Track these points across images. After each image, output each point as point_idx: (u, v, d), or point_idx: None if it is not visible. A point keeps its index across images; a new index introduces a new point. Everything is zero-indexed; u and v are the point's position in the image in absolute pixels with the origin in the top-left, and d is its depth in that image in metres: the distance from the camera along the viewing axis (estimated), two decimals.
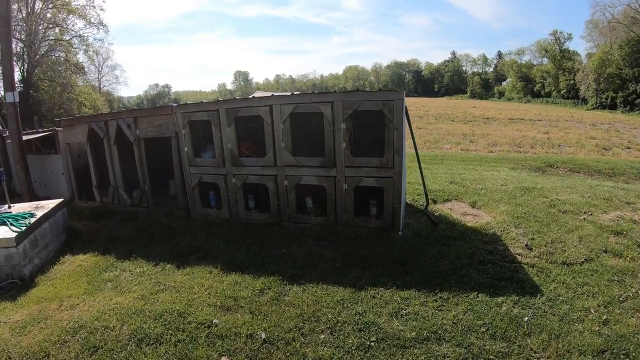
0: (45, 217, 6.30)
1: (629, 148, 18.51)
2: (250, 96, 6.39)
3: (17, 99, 8.93)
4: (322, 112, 5.78)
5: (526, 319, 4.09)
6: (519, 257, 5.44)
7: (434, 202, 7.78)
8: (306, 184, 6.23)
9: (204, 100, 7.42)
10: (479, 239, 5.97)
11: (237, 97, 6.25)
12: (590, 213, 6.99)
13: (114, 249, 6.25)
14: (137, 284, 5.01)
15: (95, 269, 5.61)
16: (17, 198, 9.40)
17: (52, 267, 5.90)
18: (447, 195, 8.20)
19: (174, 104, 6.96)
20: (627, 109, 37.24)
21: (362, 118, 6.01)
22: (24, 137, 9.54)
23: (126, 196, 8.18)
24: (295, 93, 5.91)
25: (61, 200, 7.12)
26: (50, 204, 6.79)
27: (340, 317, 4.17)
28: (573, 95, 51.02)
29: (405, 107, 5.81)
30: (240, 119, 6.41)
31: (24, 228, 5.66)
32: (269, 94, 6.96)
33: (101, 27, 35.50)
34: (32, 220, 5.97)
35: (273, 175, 6.32)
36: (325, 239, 6.13)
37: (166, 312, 4.27)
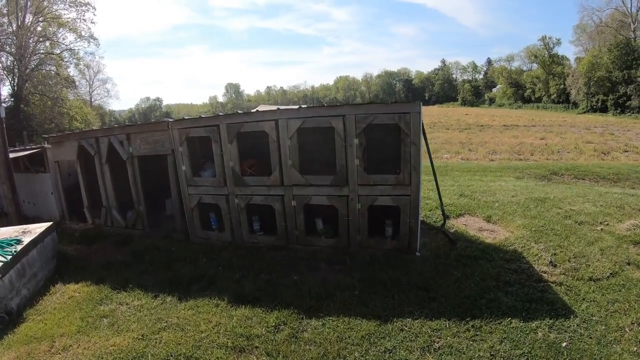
0: (33, 243, 5.79)
1: (626, 151, 18.33)
2: (254, 110, 5.98)
3: (3, 114, 8.43)
4: (333, 127, 5.40)
5: (564, 344, 3.82)
6: (545, 275, 5.16)
7: (447, 217, 7.44)
8: (316, 204, 5.83)
9: (200, 114, 7.06)
10: (501, 257, 5.65)
11: (239, 112, 5.80)
12: (606, 223, 6.81)
13: (108, 277, 5.75)
14: (136, 321, 4.53)
15: (89, 302, 5.12)
16: (4, 218, 8.89)
17: (41, 298, 5.39)
18: (459, 209, 7.92)
19: (169, 119, 6.53)
20: (618, 111, 37.38)
21: (376, 132, 5.64)
22: (11, 155, 9.05)
23: (120, 218, 7.69)
24: (302, 106, 5.53)
25: (50, 223, 6.60)
26: (38, 228, 6.27)
27: (369, 355, 3.76)
28: (564, 99, 51.30)
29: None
30: (243, 135, 6.00)
31: (9, 257, 5.16)
32: (273, 107, 6.56)
33: (92, 40, 35.11)
34: (19, 247, 5.47)
35: (280, 196, 5.90)
36: (338, 262, 5.73)
37: (171, 355, 3.84)
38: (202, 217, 6.68)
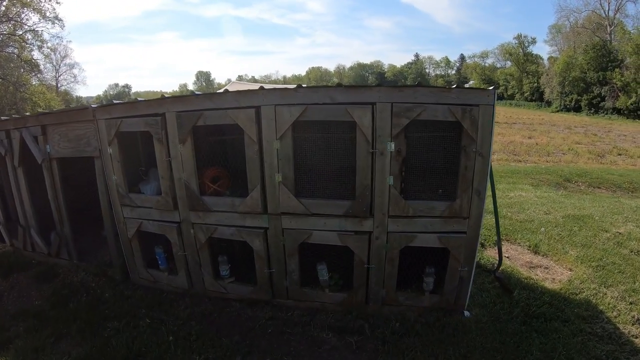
0: None
1: (620, 154, 16.94)
2: (222, 90, 3.52)
3: None
4: (354, 122, 3.03)
5: None
6: (637, 340, 3.62)
7: (482, 246, 5.58)
8: (319, 243, 3.47)
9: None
10: (576, 314, 3.90)
11: (197, 93, 3.25)
12: None
13: (13, 344, 3.57)
14: None
15: None
16: None
17: None
18: (493, 233, 5.83)
19: (93, 105, 4.01)
20: (592, 111, 36.29)
21: (421, 133, 3.30)
22: None
23: (41, 241, 5.15)
24: (302, 85, 3.08)
25: None
26: None
27: None
28: (537, 97, 50.14)
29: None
30: (203, 131, 3.59)
31: None
32: (255, 85, 4.09)
33: (57, 21, 31.05)
34: None
35: (261, 229, 3.51)
36: (352, 331, 3.55)
37: None
38: (145, 250, 4.22)
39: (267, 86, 3.18)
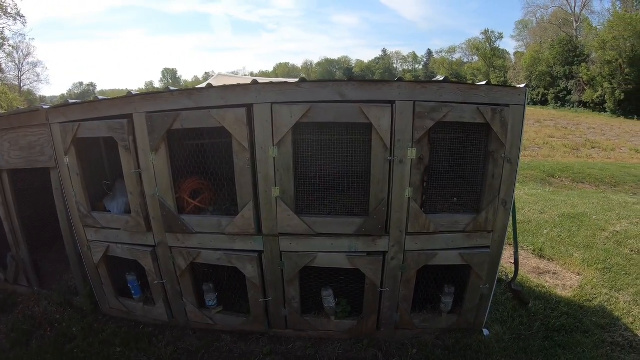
0: None
1: (593, 147, 16.98)
2: (204, 84, 2.81)
3: None
4: (369, 124, 2.41)
5: None
6: None
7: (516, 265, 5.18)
8: (323, 266, 2.85)
9: None
10: (594, 323, 3.60)
11: (172, 89, 2.54)
12: None
13: None
14: None
15: None
16: None
17: None
18: None
19: (45, 105, 3.24)
20: (559, 105, 36.40)
21: (444, 136, 2.72)
22: None
23: None
24: (306, 79, 2.42)
25: None
26: None
27: None
28: None
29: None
30: (180, 135, 2.90)
31: None
32: (244, 79, 3.39)
33: (19, 18, 29.00)
34: None
35: (254, 252, 2.86)
36: None
37: None
38: (115, 277, 3.50)
39: (261, 80, 2.52)
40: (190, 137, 3.10)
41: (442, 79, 2.47)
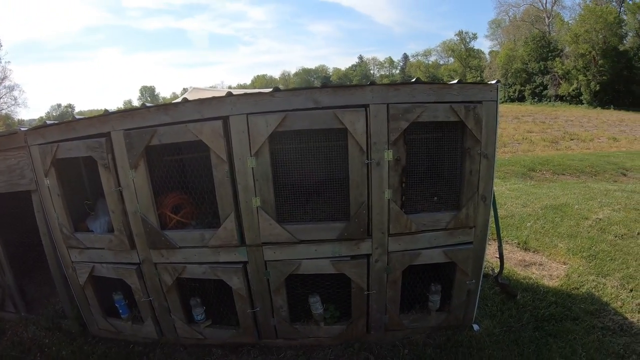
0: None
1: (572, 139, 17.27)
2: (179, 99, 2.76)
3: None
4: (344, 128, 2.41)
5: None
6: None
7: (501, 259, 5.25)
8: (309, 273, 2.82)
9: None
10: (583, 310, 3.63)
11: (149, 105, 2.50)
12: None
13: None
14: None
15: None
16: None
17: None
18: None
19: (23, 128, 3.18)
20: (536, 100, 37.02)
21: (420, 137, 2.72)
22: None
23: None
24: (281, 89, 2.40)
25: None
26: None
27: None
28: None
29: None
30: (158, 151, 2.86)
31: None
32: (219, 91, 3.38)
33: None
34: None
35: (239, 264, 2.82)
36: None
37: None
38: (102, 297, 3.42)
39: (236, 91, 2.50)
40: (170, 152, 3.06)
41: (414, 80, 2.48)
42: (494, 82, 2.65)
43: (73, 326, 3.72)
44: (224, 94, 2.43)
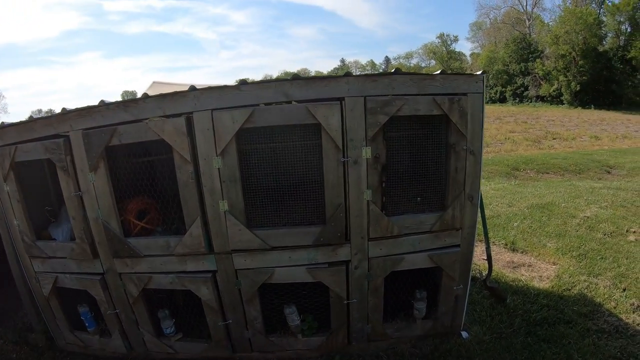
0: None
1: (555, 139, 17.18)
2: (140, 95, 2.48)
3: None
4: (317, 124, 2.15)
5: None
6: None
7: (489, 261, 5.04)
8: (284, 282, 2.54)
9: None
10: (576, 312, 3.39)
11: (107, 103, 2.22)
12: (633, 230, 5.20)
13: None
14: None
15: None
16: None
17: None
18: None
19: None
20: (517, 101, 36.63)
21: (400, 132, 2.47)
22: None
23: None
24: (248, 81, 2.14)
25: None
26: None
27: None
28: None
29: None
30: (120, 152, 2.58)
31: None
32: (183, 85, 3.10)
33: None
34: None
35: (208, 273, 2.53)
36: None
37: None
38: (68, 310, 3.11)
39: (200, 85, 2.23)
40: (138, 154, 2.78)
41: (393, 70, 2.24)
42: (479, 72, 2.42)
43: (40, 340, 3.41)
44: (184, 86, 2.17)
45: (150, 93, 2.27)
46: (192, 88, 2.17)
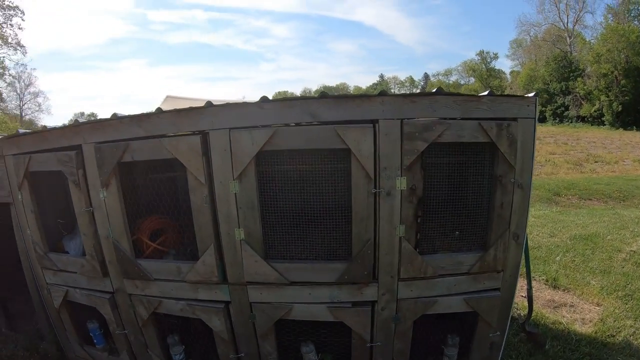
0: None
1: (596, 162, 16.10)
2: (155, 109, 2.28)
3: None
4: (347, 149, 1.88)
5: None
6: None
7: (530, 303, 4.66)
8: (301, 319, 2.27)
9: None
10: None
11: (121, 115, 2.02)
12: None
13: None
14: None
15: None
16: None
17: None
18: None
19: None
20: (557, 121, 35.03)
21: (438, 159, 2.16)
22: None
23: None
24: (267, 98, 1.89)
25: None
26: None
27: None
28: None
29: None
30: (133, 168, 2.39)
31: None
32: (199, 100, 2.90)
33: (19, 48, 28.11)
34: None
35: (220, 303, 2.29)
36: None
37: None
38: (79, 323, 2.96)
39: (217, 101, 2.01)
40: (159, 170, 2.59)
41: (434, 90, 1.94)
42: (531, 94, 2.09)
43: (50, 349, 3.29)
44: (200, 101, 1.95)
45: (164, 108, 2.07)
46: (209, 104, 1.95)
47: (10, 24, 27.13)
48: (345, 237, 2.07)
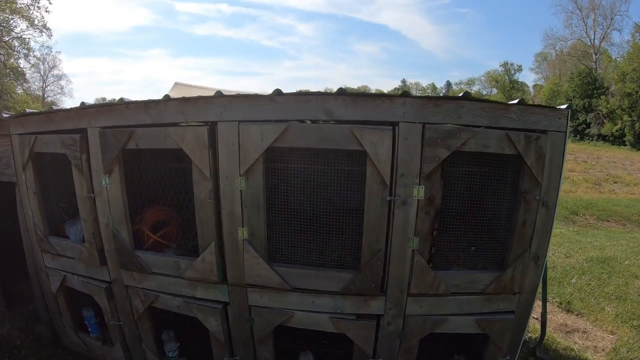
0: None
1: (616, 182, 15.61)
2: (162, 96, 2.16)
3: None
4: (363, 151, 1.73)
5: None
6: None
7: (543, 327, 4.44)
8: (302, 327, 2.13)
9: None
10: None
11: (128, 100, 1.91)
12: None
13: None
14: None
15: None
16: None
17: None
18: None
19: (5, 114, 2.71)
20: (578, 138, 33.85)
21: (458, 169, 2.00)
22: None
23: None
24: (280, 90, 1.76)
25: None
26: None
27: None
28: None
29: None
30: (137, 155, 2.28)
31: None
32: (208, 89, 2.77)
33: (45, 30, 27.99)
34: None
35: (218, 303, 2.17)
36: None
37: None
38: (74, 310, 2.88)
39: (228, 92, 1.87)
40: (165, 158, 2.48)
41: (461, 94, 1.78)
42: (564, 106, 1.92)
43: (46, 331, 3.24)
44: (209, 91, 1.83)
45: (172, 95, 1.94)
46: (219, 94, 1.82)
47: (37, 6, 27.44)
48: (355, 245, 1.93)
